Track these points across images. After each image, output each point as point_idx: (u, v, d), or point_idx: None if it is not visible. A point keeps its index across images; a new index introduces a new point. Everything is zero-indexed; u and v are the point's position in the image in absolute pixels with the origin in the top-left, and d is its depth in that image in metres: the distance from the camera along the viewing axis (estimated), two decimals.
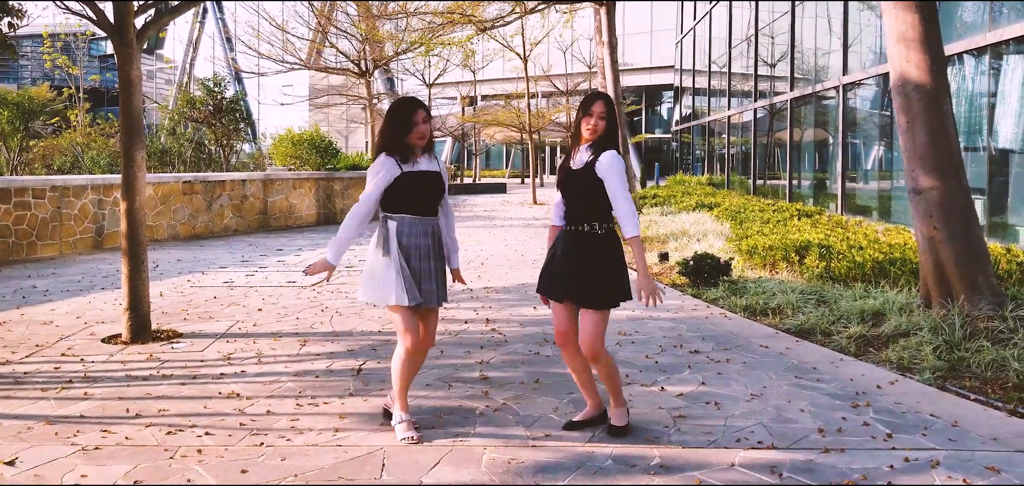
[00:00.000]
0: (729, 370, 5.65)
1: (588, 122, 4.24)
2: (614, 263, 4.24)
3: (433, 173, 4.44)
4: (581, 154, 4.30)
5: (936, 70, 6.80)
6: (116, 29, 6.86)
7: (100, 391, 5.26)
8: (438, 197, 4.50)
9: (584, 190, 4.23)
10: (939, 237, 6.74)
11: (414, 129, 4.35)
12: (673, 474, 3.81)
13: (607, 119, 4.25)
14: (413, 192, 4.37)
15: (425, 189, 4.40)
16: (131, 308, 6.74)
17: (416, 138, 4.36)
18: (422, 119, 4.37)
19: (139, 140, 6.90)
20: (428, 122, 4.40)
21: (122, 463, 4.01)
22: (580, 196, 4.25)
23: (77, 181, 13.31)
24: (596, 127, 4.23)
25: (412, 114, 4.37)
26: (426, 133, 4.39)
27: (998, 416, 4.62)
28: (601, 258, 4.23)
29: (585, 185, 4.23)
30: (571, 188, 4.29)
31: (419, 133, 4.36)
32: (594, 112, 4.24)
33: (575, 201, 4.27)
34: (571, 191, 4.29)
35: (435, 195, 4.47)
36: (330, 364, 5.94)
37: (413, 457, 4.07)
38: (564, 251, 4.29)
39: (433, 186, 4.44)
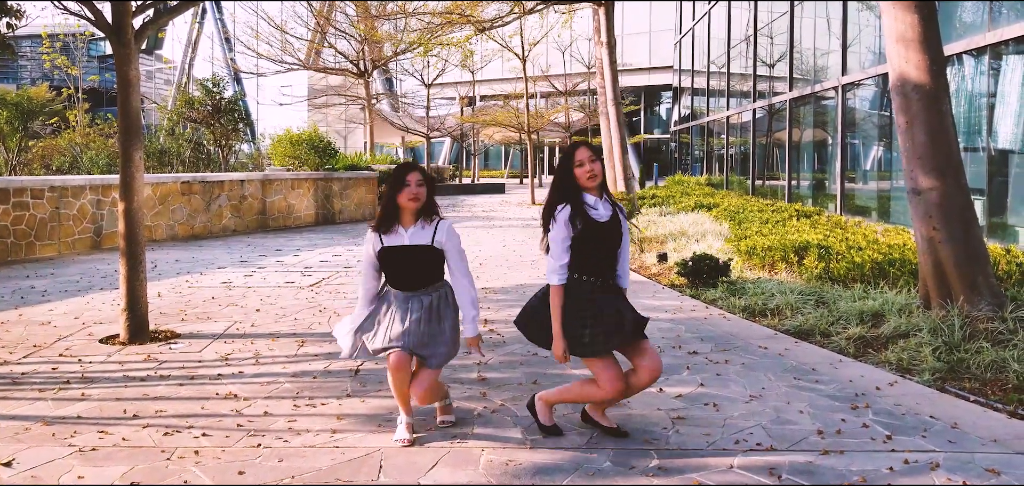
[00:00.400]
0: (728, 371, 5.64)
1: (584, 170, 4.13)
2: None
3: (421, 247, 4.27)
4: (600, 205, 4.18)
5: (935, 70, 6.79)
6: (114, 29, 6.85)
7: (97, 392, 5.24)
8: (432, 271, 4.33)
9: (616, 245, 4.23)
10: (938, 237, 6.73)
11: (405, 189, 4.24)
12: (671, 476, 3.80)
13: (600, 159, 4.22)
14: (396, 269, 4.29)
15: (410, 265, 4.28)
16: (129, 308, 6.72)
17: (406, 199, 4.25)
18: (416, 181, 4.25)
19: (137, 140, 6.88)
20: (423, 185, 4.27)
21: (119, 464, 3.99)
22: (612, 250, 4.22)
23: (75, 181, 13.30)
24: (594, 171, 4.14)
25: (405, 174, 4.27)
26: (420, 196, 4.26)
27: (998, 418, 4.61)
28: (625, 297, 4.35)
29: (617, 239, 4.22)
30: (604, 243, 4.16)
31: (410, 194, 4.23)
32: (584, 159, 4.14)
33: (608, 256, 4.20)
34: (605, 246, 4.17)
35: (425, 270, 4.30)
36: (328, 365, 5.92)
37: (411, 458, 4.06)
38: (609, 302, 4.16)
39: (420, 261, 4.28)
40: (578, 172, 4.15)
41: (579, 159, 4.16)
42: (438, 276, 4.39)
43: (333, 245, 14.24)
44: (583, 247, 4.13)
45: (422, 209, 4.32)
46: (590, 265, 4.15)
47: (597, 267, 4.16)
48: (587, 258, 4.14)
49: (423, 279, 4.32)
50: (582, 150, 4.19)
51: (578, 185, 4.17)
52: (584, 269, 4.15)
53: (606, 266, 4.20)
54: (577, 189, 4.16)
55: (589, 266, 4.15)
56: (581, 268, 4.15)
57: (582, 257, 4.14)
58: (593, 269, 4.16)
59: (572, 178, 4.17)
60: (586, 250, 4.13)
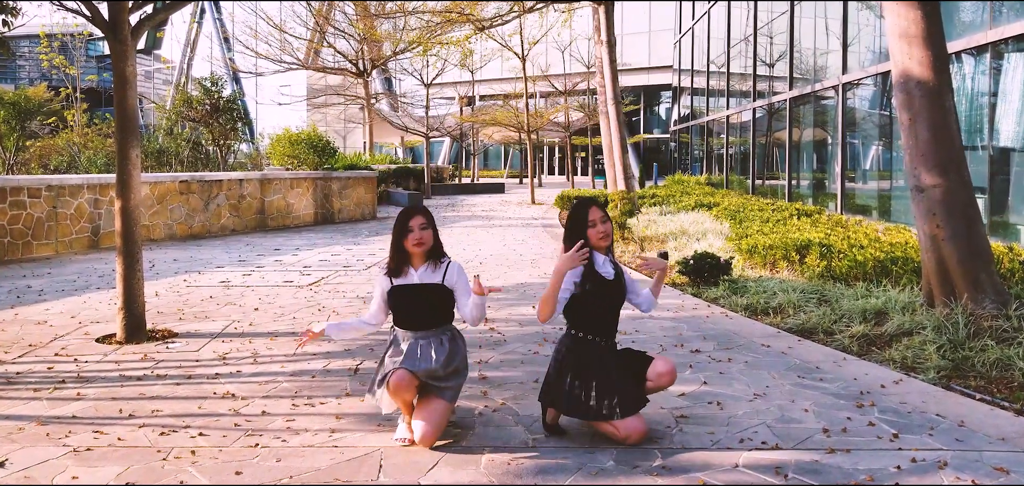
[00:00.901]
0: (731, 369, 5.58)
1: (598, 231, 4.17)
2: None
3: (431, 286, 4.29)
4: (607, 265, 4.22)
5: (938, 66, 6.73)
6: (110, 25, 6.79)
7: (93, 391, 5.18)
8: (441, 312, 4.33)
9: (619, 305, 4.27)
10: (942, 235, 6.68)
11: (409, 235, 4.25)
12: (676, 475, 3.74)
13: (609, 219, 4.24)
14: (406, 309, 4.30)
15: (420, 305, 4.29)
16: (126, 307, 6.66)
17: (412, 244, 4.26)
18: (419, 225, 4.27)
19: (134, 137, 6.82)
20: (427, 229, 4.29)
21: (114, 464, 3.93)
22: (617, 312, 4.27)
23: (73, 180, 13.23)
24: (607, 231, 4.19)
25: (408, 220, 4.29)
26: (425, 239, 4.27)
27: (1005, 416, 4.55)
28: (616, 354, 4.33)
29: (620, 300, 4.27)
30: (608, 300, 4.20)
31: (415, 239, 4.25)
32: (597, 219, 4.18)
33: (612, 313, 4.24)
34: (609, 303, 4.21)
35: (435, 310, 4.30)
36: (327, 364, 5.86)
37: (411, 458, 4.00)
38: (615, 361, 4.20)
39: (430, 301, 4.28)
40: (591, 232, 4.19)
41: (592, 219, 4.20)
42: (448, 318, 4.40)
43: (332, 244, 14.18)
44: (589, 304, 4.16)
45: (430, 251, 4.34)
46: (595, 324, 4.19)
47: (601, 326, 4.20)
48: (592, 316, 4.18)
49: (433, 319, 4.33)
50: (595, 210, 4.22)
51: (590, 244, 4.18)
52: (589, 328, 4.19)
53: (609, 325, 4.24)
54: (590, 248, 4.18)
55: (594, 325, 4.19)
56: (586, 327, 4.20)
57: (587, 315, 4.18)
58: (598, 328, 4.20)
59: (585, 236, 4.18)
60: (591, 308, 4.17)
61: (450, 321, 4.42)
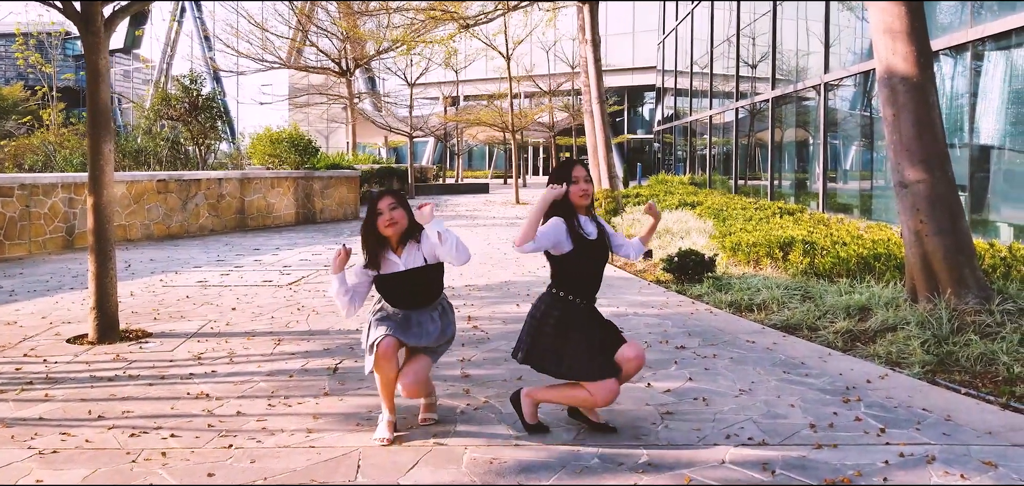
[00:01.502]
0: (716, 366, 5.51)
1: (578, 189, 4.11)
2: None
3: (418, 270, 4.20)
4: (589, 224, 4.18)
5: (922, 62, 6.70)
6: (83, 18, 6.63)
7: (62, 392, 5.04)
8: (431, 289, 4.25)
9: (602, 264, 4.21)
10: (925, 230, 6.64)
11: (379, 218, 4.16)
12: (661, 472, 3.65)
13: (591, 180, 4.18)
14: (395, 295, 4.22)
15: (409, 289, 4.21)
16: (98, 307, 6.51)
17: (384, 226, 4.16)
18: (388, 205, 4.16)
19: (107, 132, 6.67)
20: (397, 208, 4.17)
21: (81, 467, 3.80)
22: (601, 271, 4.21)
23: (47, 179, 13.00)
24: (587, 191, 4.15)
25: (376, 203, 4.20)
26: (397, 219, 4.16)
27: (991, 410, 4.50)
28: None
29: (604, 258, 4.21)
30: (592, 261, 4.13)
31: (386, 220, 4.15)
32: (579, 177, 4.13)
33: (595, 274, 4.18)
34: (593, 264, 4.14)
35: (424, 290, 4.23)
36: (305, 363, 5.74)
37: (391, 457, 3.89)
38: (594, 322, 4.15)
39: (418, 283, 4.21)
40: (573, 189, 4.12)
41: (575, 177, 4.13)
42: (437, 291, 4.31)
43: (313, 244, 14.02)
44: (573, 264, 4.09)
45: (407, 231, 4.22)
46: (577, 285, 4.12)
47: (584, 287, 4.13)
48: (575, 276, 4.11)
49: (423, 298, 4.25)
50: (580, 169, 4.18)
51: (571, 203, 4.13)
52: (571, 288, 4.12)
53: (592, 286, 4.17)
54: (571, 208, 4.13)
55: (577, 286, 4.12)
56: (568, 287, 4.12)
57: (570, 275, 4.11)
58: (580, 289, 4.12)
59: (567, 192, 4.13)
60: (575, 268, 4.10)
61: (440, 292, 4.34)
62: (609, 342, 4.15)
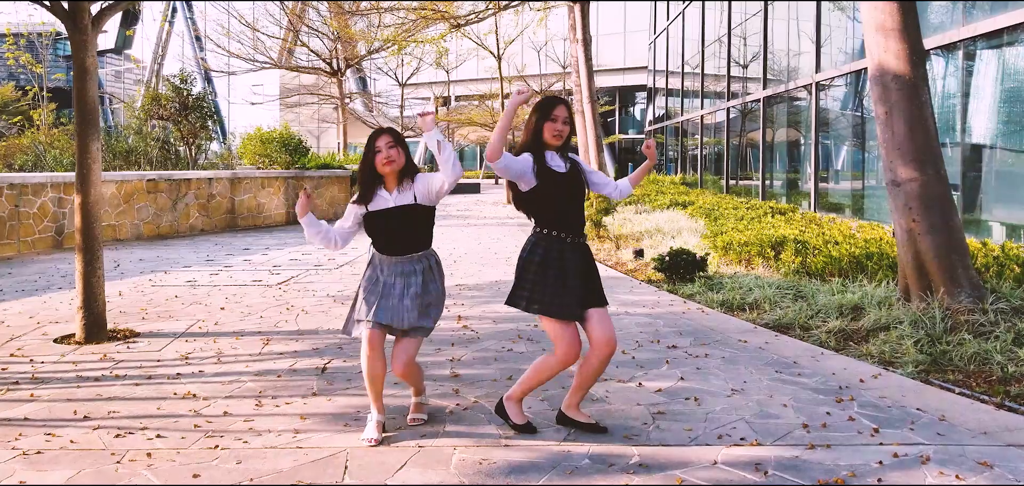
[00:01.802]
0: (708, 365, 5.47)
1: (554, 127, 4.06)
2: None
3: (406, 207, 4.13)
4: (557, 159, 4.12)
5: (915, 60, 6.68)
6: (70, 15, 6.56)
7: (48, 392, 4.97)
8: (419, 233, 4.19)
9: (580, 190, 4.16)
10: (918, 229, 6.62)
11: (376, 155, 4.12)
12: (653, 473, 3.61)
13: (570, 123, 4.15)
14: (383, 233, 4.16)
15: (395, 228, 4.13)
16: (85, 306, 6.43)
17: (382, 164, 4.11)
18: (387, 144, 4.12)
19: (94, 130, 6.59)
20: (395, 147, 4.13)
21: (65, 468, 3.74)
22: (578, 204, 4.14)
23: (36, 178, 12.89)
24: (562, 132, 4.09)
25: (375, 140, 4.16)
26: (395, 158, 4.11)
27: (985, 409, 4.48)
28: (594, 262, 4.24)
29: (579, 185, 4.16)
30: (564, 198, 4.07)
31: (383, 159, 4.10)
32: (558, 117, 4.08)
33: (575, 209, 4.12)
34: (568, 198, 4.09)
35: (411, 232, 4.16)
36: (293, 363, 5.68)
37: (379, 458, 3.84)
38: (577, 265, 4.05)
39: (405, 221, 4.13)
40: (547, 125, 4.07)
41: (554, 115, 4.08)
42: (426, 241, 4.24)
43: (303, 243, 13.94)
44: (544, 199, 4.05)
45: (403, 171, 4.17)
46: (555, 219, 4.06)
47: (562, 221, 4.07)
48: (551, 212, 4.06)
49: (411, 242, 4.17)
50: (562, 109, 4.11)
51: (542, 140, 4.09)
52: (551, 224, 4.06)
53: (571, 219, 4.09)
54: (541, 144, 4.09)
55: (555, 220, 4.06)
56: (548, 223, 4.07)
57: (546, 210, 4.06)
58: (560, 223, 4.06)
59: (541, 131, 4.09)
60: (548, 203, 4.06)
61: (429, 243, 4.26)
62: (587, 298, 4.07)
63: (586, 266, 4.11)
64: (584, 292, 4.04)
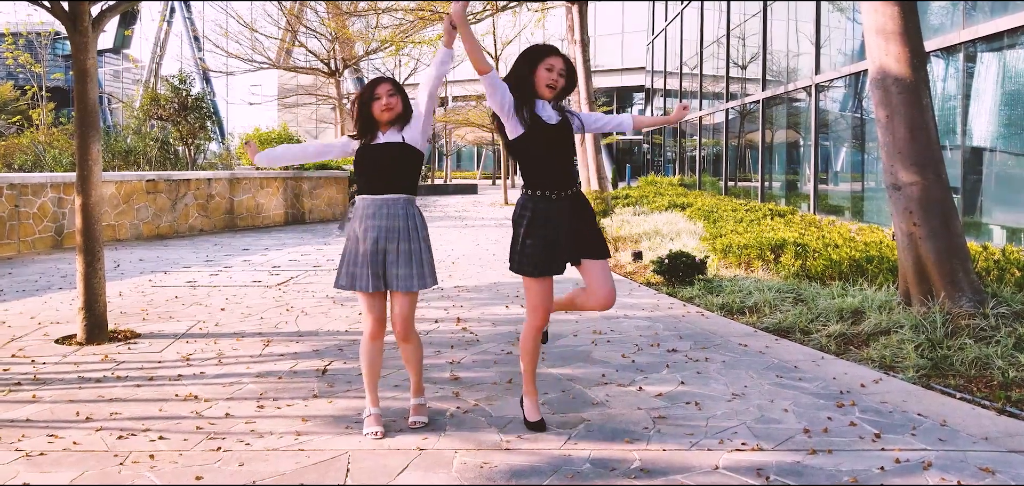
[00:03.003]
0: (708, 369, 5.48)
1: (549, 77, 3.95)
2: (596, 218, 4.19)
3: (395, 144, 4.16)
4: (549, 108, 4.02)
5: (916, 63, 6.69)
6: (71, 17, 6.55)
7: (49, 393, 4.97)
8: (403, 172, 4.19)
9: (568, 149, 4.02)
10: (919, 233, 6.63)
11: (375, 102, 4.15)
12: (654, 477, 3.62)
13: (566, 75, 4.00)
14: (371, 169, 4.16)
15: (385, 163, 4.15)
16: (86, 307, 6.43)
17: (379, 111, 4.15)
18: (387, 92, 4.16)
19: (95, 132, 6.59)
20: (395, 95, 4.17)
21: (68, 469, 3.74)
22: (567, 155, 4.00)
23: (36, 179, 12.88)
24: (557, 83, 3.97)
25: (375, 87, 4.19)
26: (392, 105, 4.15)
27: (987, 415, 4.48)
28: (593, 213, 4.15)
29: (569, 137, 4.02)
30: (551, 148, 3.94)
31: (382, 106, 4.14)
32: (554, 66, 3.95)
33: (563, 162, 3.97)
34: (556, 152, 3.96)
35: (401, 169, 4.17)
36: (294, 365, 5.68)
37: (381, 461, 3.84)
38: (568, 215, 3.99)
39: (395, 158, 4.15)
40: (540, 73, 3.96)
41: (549, 64, 3.97)
42: (410, 185, 4.24)
43: (302, 244, 13.94)
44: (530, 150, 3.96)
45: (399, 117, 4.21)
46: (543, 176, 3.97)
47: (549, 177, 3.98)
48: (538, 166, 3.97)
49: (394, 181, 4.16)
50: (556, 59, 3.99)
51: (535, 89, 3.99)
52: (538, 181, 3.98)
53: (557, 174, 3.98)
54: (532, 94, 3.99)
55: (542, 177, 3.97)
56: (535, 181, 3.99)
57: (533, 165, 3.98)
58: (547, 180, 3.97)
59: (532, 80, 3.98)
60: (536, 156, 3.96)
61: (413, 188, 4.26)
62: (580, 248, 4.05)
63: (578, 220, 4.04)
64: (574, 246, 4.01)
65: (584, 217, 4.08)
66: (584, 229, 4.07)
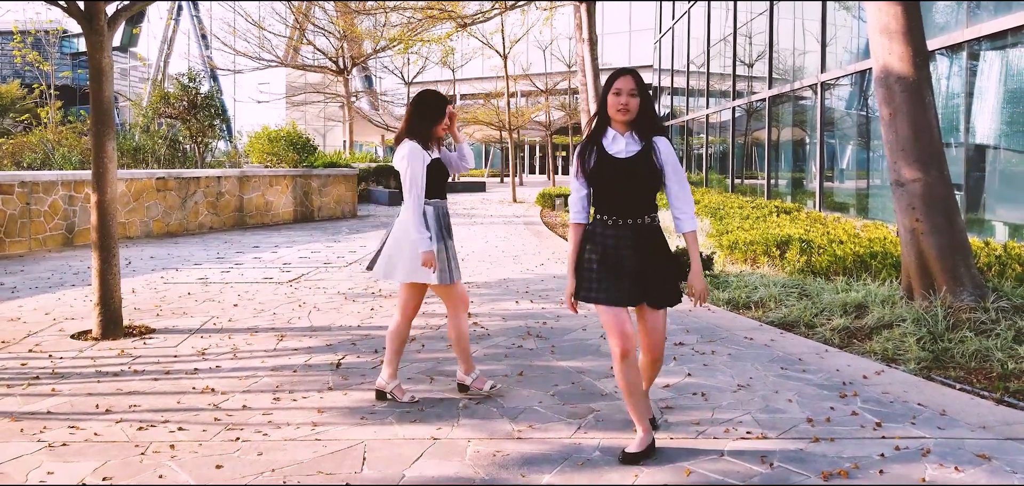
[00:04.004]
0: (715, 362, 5.58)
1: (617, 102, 3.71)
2: (672, 257, 3.91)
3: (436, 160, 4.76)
4: (621, 140, 3.75)
5: (919, 61, 6.78)
6: (87, 17, 6.68)
7: (68, 387, 5.09)
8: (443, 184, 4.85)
9: (643, 180, 3.71)
10: (921, 228, 6.72)
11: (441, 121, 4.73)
12: (662, 465, 3.72)
13: (639, 94, 3.74)
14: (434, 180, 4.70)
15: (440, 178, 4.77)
16: (102, 303, 6.56)
17: (442, 129, 4.76)
18: (452, 117, 4.81)
19: (110, 130, 6.71)
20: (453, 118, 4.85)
21: (91, 460, 3.86)
22: (638, 187, 3.72)
23: (47, 177, 13.03)
24: (627, 106, 3.70)
25: (446, 106, 4.79)
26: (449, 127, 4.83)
27: (986, 405, 4.58)
28: (666, 251, 3.86)
29: (644, 174, 3.71)
30: (623, 179, 3.71)
31: (444, 126, 4.76)
32: (622, 89, 3.71)
33: (631, 193, 3.72)
34: (624, 183, 3.71)
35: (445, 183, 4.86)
36: (308, 359, 5.80)
37: (396, 450, 3.96)
38: (630, 248, 3.74)
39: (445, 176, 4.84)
40: (610, 100, 3.75)
41: (617, 88, 3.74)
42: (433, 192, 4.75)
43: (312, 242, 14.07)
44: (598, 184, 3.78)
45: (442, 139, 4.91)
46: (606, 204, 3.77)
47: (615, 206, 3.76)
48: (603, 197, 3.78)
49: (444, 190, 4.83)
50: (624, 79, 3.75)
51: (606, 115, 3.80)
52: (601, 208, 3.80)
53: (626, 205, 3.75)
54: (604, 120, 3.81)
55: (606, 205, 3.78)
56: (598, 207, 3.82)
57: (598, 195, 3.80)
58: (610, 208, 3.76)
59: (604, 108, 3.79)
60: (601, 187, 3.78)
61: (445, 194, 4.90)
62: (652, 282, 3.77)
63: (638, 254, 3.76)
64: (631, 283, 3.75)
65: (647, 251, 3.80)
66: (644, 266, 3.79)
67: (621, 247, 3.75)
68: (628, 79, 3.74)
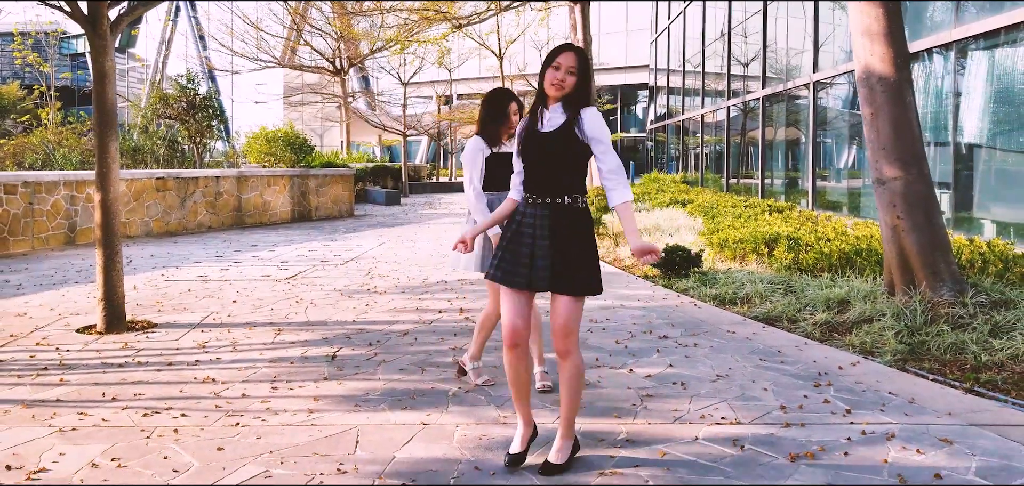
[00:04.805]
0: (696, 353, 5.79)
1: (554, 76, 3.56)
2: (592, 244, 3.63)
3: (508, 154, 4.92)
4: (550, 115, 3.63)
5: (899, 63, 6.97)
6: (90, 20, 6.87)
7: (76, 377, 5.29)
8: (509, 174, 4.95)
9: (562, 156, 3.57)
10: (902, 226, 6.92)
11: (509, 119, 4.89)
12: (639, 448, 3.93)
13: (577, 73, 3.58)
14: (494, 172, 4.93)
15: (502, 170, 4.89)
16: (105, 298, 6.75)
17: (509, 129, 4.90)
18: (514, 111, 4.94)
19: (113, 132, 6.91)
20: (517, 114, 4.95)
21: (99, 443, 4.06)
22: (557, 163, 3.57)
23: (49, 177, 13.23)
24: (563, 82, 3.56)
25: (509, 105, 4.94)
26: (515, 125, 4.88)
27: (954, 394, 4.78)
28: (582, 236, 3.60)
29: (563, 150, 3.56)
30: (543, 154, 3.58)
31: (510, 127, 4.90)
32: (561, 65, 3.56)
33: (550, 169, 3.58)
34: (544, 158, 3.58)
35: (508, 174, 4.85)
36: (305, 351, 6.00)
37: (387, 434, 4.16)
38: (534, 229, 3.58)
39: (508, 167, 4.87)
40: (547, 74, 3.61)
41: (557, 63, 3.59)
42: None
43: (310, 241, 14.27)
44: (526, 161, 3.67)
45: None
46: (530, 182, 3.66)
47: (535, 184, 3.63)
48: (528, 174, 3.67)
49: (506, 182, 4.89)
50: (566, 55, 3.60)
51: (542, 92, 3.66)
52: (526, 186, 3.69)
53: (545, 183, 3.60)
54: (542, 96, 3.67)
55: (529, 183, 3.66)
56: (525, 185, 3.70)
57: (526, 173, 3.69)
58: (532, 186, 3.65)
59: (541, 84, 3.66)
60: (527, 165, 3.67)
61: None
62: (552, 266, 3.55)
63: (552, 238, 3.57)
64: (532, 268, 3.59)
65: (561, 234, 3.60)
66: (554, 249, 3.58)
67: (535, 228, 3.60)
68: (570, 55, 3.60)
